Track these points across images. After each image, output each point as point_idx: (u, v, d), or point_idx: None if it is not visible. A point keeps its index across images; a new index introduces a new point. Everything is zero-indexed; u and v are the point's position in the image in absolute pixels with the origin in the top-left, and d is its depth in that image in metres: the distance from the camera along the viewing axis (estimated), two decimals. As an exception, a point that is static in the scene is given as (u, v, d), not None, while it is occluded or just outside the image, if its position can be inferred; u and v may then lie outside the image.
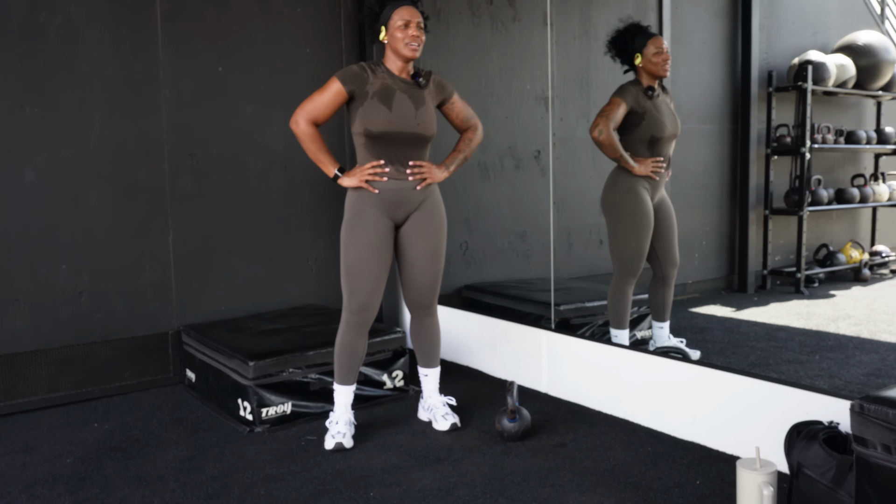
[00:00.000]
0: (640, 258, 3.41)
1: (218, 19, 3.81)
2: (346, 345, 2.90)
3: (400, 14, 2.78)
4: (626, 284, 3.44)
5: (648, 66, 3.32)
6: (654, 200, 3.41)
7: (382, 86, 2.78)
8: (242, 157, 3.92)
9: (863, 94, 4.10)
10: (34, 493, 2.52)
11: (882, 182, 4.10)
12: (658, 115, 3.33)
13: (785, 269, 4.17)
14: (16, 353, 3.36)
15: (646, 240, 3.39)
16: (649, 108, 3.32)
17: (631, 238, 3.39)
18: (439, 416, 3.05)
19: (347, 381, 2.93)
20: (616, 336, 3.45)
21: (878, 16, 4.12)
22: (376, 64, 2.84)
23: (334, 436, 2.85)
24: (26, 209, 3.36)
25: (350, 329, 2.89)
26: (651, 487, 2.44)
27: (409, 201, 2.86)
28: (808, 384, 2.66)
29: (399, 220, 2.89)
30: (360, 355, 2.93)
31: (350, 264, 2.83)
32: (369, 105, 2.76)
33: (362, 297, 2.84)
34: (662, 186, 3.42)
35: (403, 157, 2.81)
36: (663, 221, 3.43)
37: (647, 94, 3.32)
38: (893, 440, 1.83)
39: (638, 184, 3.36)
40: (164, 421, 3.21)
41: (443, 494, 2.42)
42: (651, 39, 3.32)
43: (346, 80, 2.76)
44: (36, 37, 3.34)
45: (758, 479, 2.08)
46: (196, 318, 3.81)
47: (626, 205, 3.38)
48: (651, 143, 3.35)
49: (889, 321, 3.54)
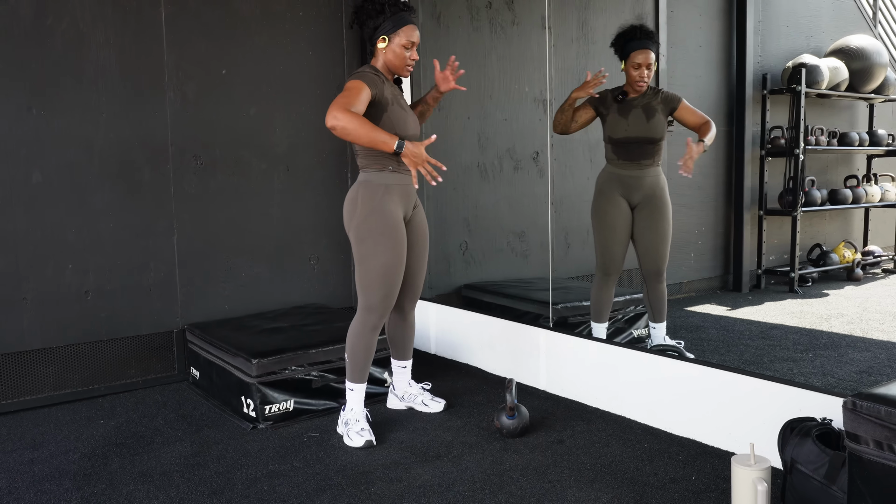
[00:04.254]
0: (609, 257, 3.46)
1: (222, 22, 3.84)
2: (364, 346, 2.92)
3: (407, 34, 2.82)
4: (601, 282, 3.51)
5: (626, 75, 3.39)
6: (634, 202, 3.43)
7: (392, 92, 2.85)
8: (246, 159, 3.96)
9: (855, 97, 4.13)
10: (41, 488, 2.55)
11: (874, 183, 4.13)
12: (619, 118, 3.39)
13: (779, 269, 4.20)
14: (23, 351, 3.39)
15: (611, 239, 3.43)
16: (613, 109, 3.40)
17: (598, 237, 3.47)
18: (427, 401, 3.21)
19: (363, 378, 2.97)
20: (594, 328, 3.54)
21: (870, 19, 4.15)
22: (375, 70, 2.86)
23: (360, 433, 2.87)
24: (33, 209, 3.39)
25: (371, 330, 2.90)
26: (647, 483, 2.47)
27: (412, 196, 2.97)
28: (801, 381, 2.68)
29: (406, 215, 2.96)
30: (374, 352, 2.98)
31: (387, 268, 2.81)
32: (395, 112, 2.80)
33: (393, 300, 2.89)
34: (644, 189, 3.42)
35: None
36: (643, 223, 3.43)
37: (616, 97, 3.39)
38: (885, 436, 1.84)
39: (608, 186, 3.43)
40: (169, 418, 3.24)
41: (443, 490, 2.45)
42: (634, 52, 3.31)
43: (371, 83, 2.73)
44: (43, 40, 3.37)
45: (752, 475, 2.09)
46: (200, 317, 3.85)
47: (596, 204, 3.47)
48: (614, 145, 3.42)
49: (881, 320, 3.57)
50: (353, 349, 2.93)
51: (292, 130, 4.10)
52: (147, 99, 3.65)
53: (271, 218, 4.05)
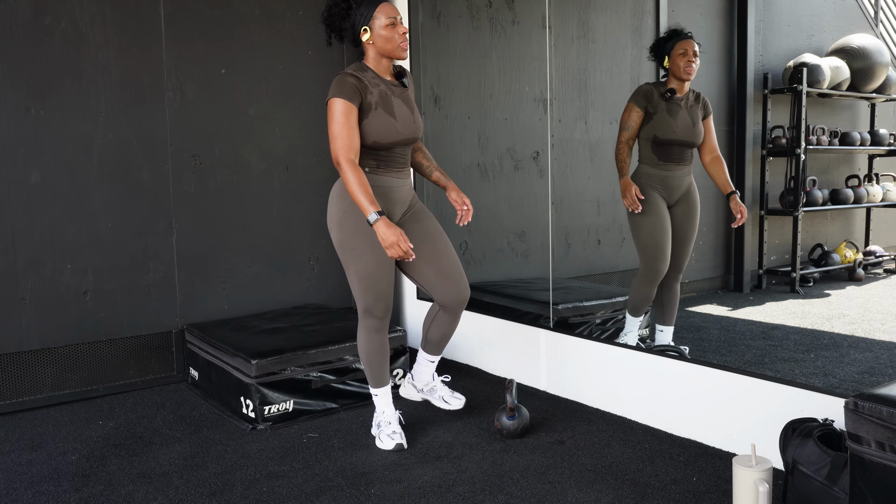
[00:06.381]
0: (662, 256, 3.44)
1: (221, 22, 3.84)
2: (375, 349, 2.86)
3: (384, 11, 2.63)
4: (645, 280, 3.47)
5: (674, 70, 3.37)
6: (672, 202, 3.45)
7: (380, 93, 2.66)
8: (245, 158, 3.95)
9: (857, 96, 4.13)
10: (40, 489, 2.54)
11: (876, 183, 4.12)
12: (668, 117, 3.36)
13: (780, 269, 4.19)
14: (21, 351, 3.39)
15: (663, 238, 3.42)
16: (662, 108, 3.37)
17: (647, 238, 3.45)
18: (447, 398, 3.07)
19: (385, 381, 2.92)
20: (629, 320, 3.50)
21: (872, 19, 4.15)
22: (362, 70, 2.68)
23: (391, 436, 2.84)
24: (32, 209, 3.39)
25: (376, 333, 2.84)
26: (648, 484, 2.47)
27: (402, 200, 2.82)
28: (803, 382, 2.68)
29: (395, 219, 2.81)
30: (388, 352, 2.92)
31: (370, 270, 2.71)
32: (375, 116, 2.64)
33: (387, 299, 2.79)
34: (682, 189, 3.45)
35: (399, 157, 2.76)
36: (678, 221, 3.46)
37: (664, 95, 3.36)
38: (887, 437, 1.84)
39: (649, 186, 3.42)
40: (168, 418, 3.24)
41: (443, 491, 2.45)
42: (680, 42, 3.34)
43: (352, 95, 2.59)
44: (41, 40, 3.36)
45: (753, 476, 2.09)
46: (199, 317, 3.84)
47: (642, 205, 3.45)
48: (656, 146, 3.38)
49: (883, 320, 3.56)
50: (364, 355, 2.88)
51: (292, 130, 4.10)
52: (146, 98, 3.64)
53: (271, 218, 4.05)
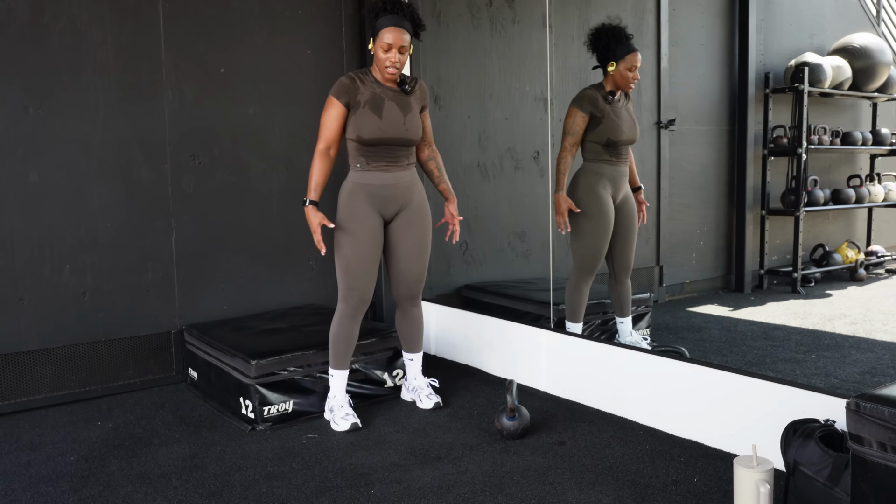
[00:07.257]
0: (599, 256, 3.52)
1: (220, 21, 3.83)
2: (343, 333, 3.07)
3: (384, 36, 2.87)
4: (582, 282, 3.54)
5: (618, 78, 3.43)
6: (618, 200, 3.51)
7: (372, 95, 2.93)
8: (244, 158, 3.94)
9: (858, 96, 4.12)
10: (38, 490, 2.54)
11: (877, 183, 4.12)
12: (616, 120, 3.43)
13: (781, 269, 4.19)
14: (20, 352, 3.38)
15: (604, 238, 3.49)
16: (608, 111, 3.43)
17: (589, 237, 3.48)
18: (423, 396, 3.28)
19: (344, 365, 3.13)
20: (570, 327, 3.56)
21: (873, 18, 4.14)
22: (365, 73, 2.97)
23: (345, 417, 3.04)
24: (30, 209, 3.38)
25: (347, 318, 3.06)
26: (649, 485, 2.46)
27: (397, 198, 3.03)
28: (804, 383, 2.68)
29: (388, 216, 3.05)
30: (354, 341, 3.13)
31: (349, 261, 2.98)
32: (361, 114, 2.91)
33: (361, 291, 3.02)
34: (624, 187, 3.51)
35: (387, 155, 2.98)
36: (621, 222, 3.52)
37: (607, 98, 3.43)
38: (889, 438, 1.83)
39: (598, 184, 3.45)
40: (167, 419, 3.23)
41: (443, 492, 2.44)
42: (631, 54, 3.42)
43: (340, 94, 2.92)
44: (40, 39, 3.36)
45: (755, 477, 2.09)
46: (198, 318, 3.84)
47: (584, 204, 3.48)
48: (607, 146, 3.45)
49: (884, 320, 3.56)
50: (332, 336, 3.10)
51: (291, 130, 4.09)
52: (145, 98, 3.63)
53: (270, 218, 4.04)
